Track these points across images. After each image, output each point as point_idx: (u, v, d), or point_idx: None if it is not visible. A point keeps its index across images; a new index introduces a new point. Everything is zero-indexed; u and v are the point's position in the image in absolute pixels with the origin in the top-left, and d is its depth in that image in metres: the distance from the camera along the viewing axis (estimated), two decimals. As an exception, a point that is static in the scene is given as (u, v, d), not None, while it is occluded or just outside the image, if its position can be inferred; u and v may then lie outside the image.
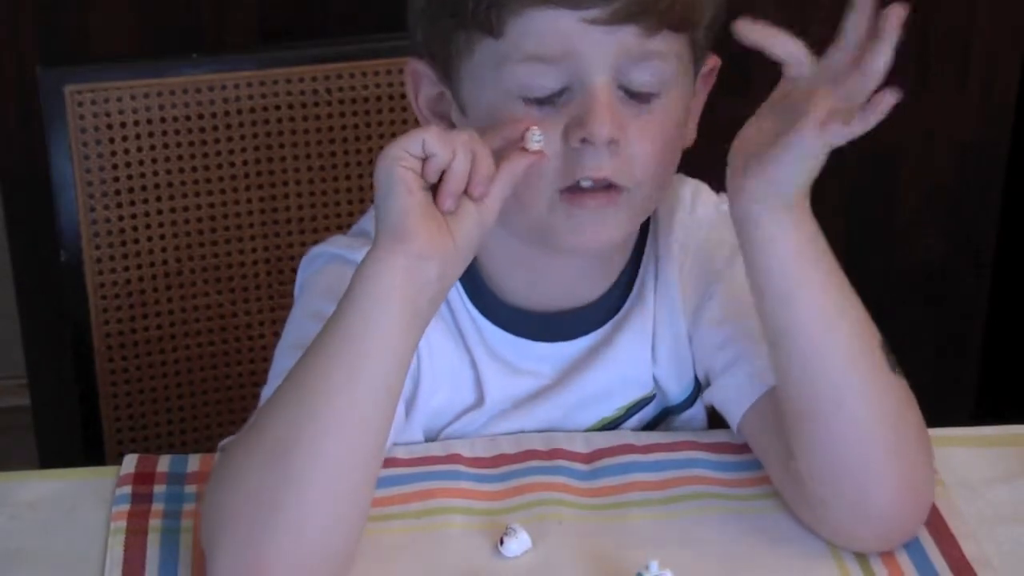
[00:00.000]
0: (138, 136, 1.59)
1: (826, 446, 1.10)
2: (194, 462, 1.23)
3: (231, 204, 1.63)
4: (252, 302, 1.67)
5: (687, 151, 1.19)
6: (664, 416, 1.30)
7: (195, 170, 1.61)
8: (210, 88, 1.60)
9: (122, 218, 1.60)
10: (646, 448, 1.23)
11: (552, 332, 1.25)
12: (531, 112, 1.11)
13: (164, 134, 1.59)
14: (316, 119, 1.63)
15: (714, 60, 1.20)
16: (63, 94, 1.56)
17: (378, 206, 1.06)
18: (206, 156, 1.61)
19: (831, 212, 2.33)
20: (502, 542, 1.12)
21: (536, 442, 1.24)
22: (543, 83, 1.11)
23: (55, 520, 1.17)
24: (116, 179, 1.59)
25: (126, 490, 1.19)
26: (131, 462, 1.23)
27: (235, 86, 1.60)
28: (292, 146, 1.63)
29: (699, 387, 1.28)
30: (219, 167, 1.62)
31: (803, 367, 1.10)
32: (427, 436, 1.26)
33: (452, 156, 1.04)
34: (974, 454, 1.25)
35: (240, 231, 1.64)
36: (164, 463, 1.22)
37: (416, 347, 1.09)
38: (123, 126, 1.58)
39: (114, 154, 1.58)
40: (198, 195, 1.62)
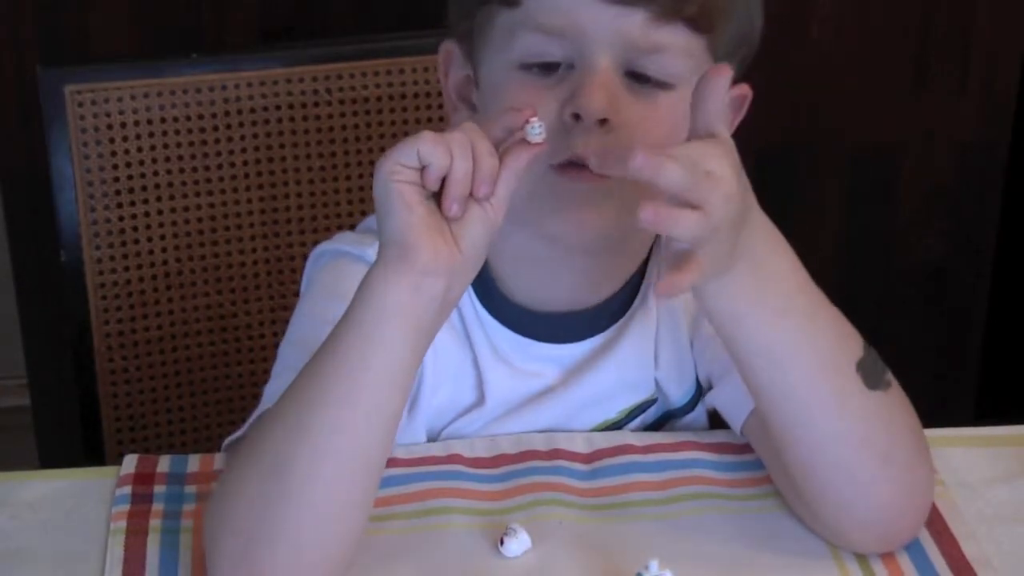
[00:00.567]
0: (138, 136, 1.58)
1: (806, 461, 1.10)
2: (194, 462, 1.23)
3: (231, 204, 1.63)
4: (252, 302, 1.67)
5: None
6: (666, 420, 1.30)
7: (195, 170, 1.61)
8: (210, 88, 1.60)
9: (122, 218, 1.60)
10: (646, 448, 1.23)
11: (558, 333, 1.24)
12: (529, 82, 1.11)
13: (164, 134, 1.59)
14: (316, 119, 1.63)
15: (744, 88, 1.18)
16: (63, 94, 1.56)
17: (379, 222, 1.03)
18: (206, 156, 1.61)
19: (831, 212, 2.35)
20: (502, 542, 1.12)
21: (536, 442, 1.24)
22: (543, 51, 1.11)
23: (55, 520, 1.17)
24: (116, 179, 1.59)
25: (126, 490, 1.19)
26: (131, 462, 1.22)
27: (235, 86, 1.60)
28: (292, 146, 1.63)
29: (700, 391, 1.28)
30: (219, 167, 1.62)
31: (766, 395, 1.10)
32: (429, 435, 1.26)
33: (451, 160, 1.01)
34: (974, 454, 1.25)
35: (240, 231, 1.64)
36: (164, 463, 1.22)
37: (419, 365, 1.07)
38: (123, 126, 1.58)
39: (114, 154, 1.58)
40: (198, 195, 1.62)
